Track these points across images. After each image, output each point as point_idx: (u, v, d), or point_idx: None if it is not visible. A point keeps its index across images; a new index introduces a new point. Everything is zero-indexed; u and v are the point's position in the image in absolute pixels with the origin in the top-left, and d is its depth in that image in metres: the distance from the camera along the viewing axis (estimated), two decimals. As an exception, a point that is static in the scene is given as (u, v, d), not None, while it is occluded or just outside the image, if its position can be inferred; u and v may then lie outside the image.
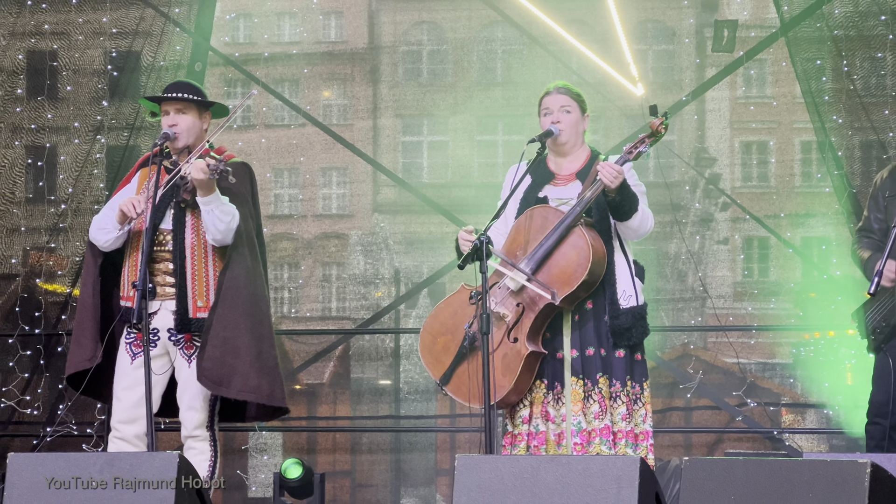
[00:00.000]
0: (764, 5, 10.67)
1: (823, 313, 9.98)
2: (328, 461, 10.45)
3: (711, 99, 11.28)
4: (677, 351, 10.95)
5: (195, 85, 7.15)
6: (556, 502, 5.34)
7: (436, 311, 6.83)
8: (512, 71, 11.42)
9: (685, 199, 11.08)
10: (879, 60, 9.50)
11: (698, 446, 10.38)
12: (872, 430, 7.40)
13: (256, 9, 11.58)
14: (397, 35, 11.78)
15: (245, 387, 6.91)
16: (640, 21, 11.49)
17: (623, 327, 6.58)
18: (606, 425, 6.55)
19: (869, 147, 9.39)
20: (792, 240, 10.74)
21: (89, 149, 10.11)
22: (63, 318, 9.92)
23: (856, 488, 4.71)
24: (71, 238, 10.10)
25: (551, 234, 6.55)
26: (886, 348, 7.35)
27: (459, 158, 11.40)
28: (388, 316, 10.95)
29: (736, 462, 5.09)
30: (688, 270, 10.83)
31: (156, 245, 6.88)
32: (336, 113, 11.97)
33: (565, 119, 6.75)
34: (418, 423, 10.66)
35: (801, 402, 10.61)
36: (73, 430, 9.81)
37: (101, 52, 10.20)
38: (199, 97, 7.03)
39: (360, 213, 11.72)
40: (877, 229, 7.51)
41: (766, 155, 11.73)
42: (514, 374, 6.51)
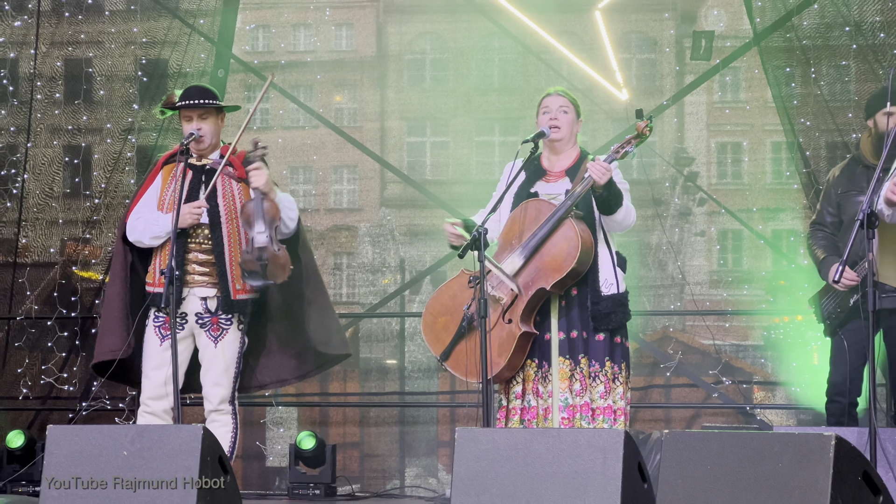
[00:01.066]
0: (738, 17, 10.63)
1: (792, 299, 9.97)
2: (339, 433, 10.44)
3: (690, 103, 11.25)
4: (658, 333, 10.92)
5: (212, 90, 7.15)
6: (547, 471, 5.34)
7: (437, 293, 6.85)
8: (508, 78, 11.39)
9: (665, 195, 11.05)
10: (844, 68, 9.49)
11: (677, 420, 10.36)
12: (832, 407, 7.40)
13: (274, 20, 11.55)
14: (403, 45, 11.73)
15: (342, 343, 7.31)
16: (625, 32, 11.45)
17: (603, 312, 6.59)
18: (586, 402, 6.58)
19: (834, 147, 9.38)
20: (763, 232, 10.71)
21: (121, 148, 10.10)
22: (97, 302, 9.91)
23: (821, 458, 4.70)
24: (104, 230, 10.10)
25: (544, 225, 6.57)
26: (842, 332, 7.35)
27: (459, 157, 11.37)
28: (394, 301, 10.94)
29: (712, 435, 5.08)
30: (668, 260, 10.80)
31: (189, 237, 6.89)
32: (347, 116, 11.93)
33: (563, 118, 6.77)
34: (421, 398, 10.64)
35: (772, 381, 10.58)
36: (106, 404, 9.81)
37: (132, 60, 10.19)
38: (216, 101, 7.03)
39: (368, 207, 11.69)
40: (829, 222, 7.51)
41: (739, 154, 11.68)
42: (507, 352, 6.54)
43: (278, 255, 6.76)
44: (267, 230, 6.73)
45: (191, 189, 6.94)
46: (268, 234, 6.73)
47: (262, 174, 6.76)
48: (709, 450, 4.96)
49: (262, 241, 6.72)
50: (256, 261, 6.70)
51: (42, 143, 10.30)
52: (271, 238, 6.74)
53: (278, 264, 6.75)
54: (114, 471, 5.70)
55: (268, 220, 6.75)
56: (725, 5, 11.01)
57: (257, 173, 6.76)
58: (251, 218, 6.74)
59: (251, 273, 6.73)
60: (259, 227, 6.73)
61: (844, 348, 7.27)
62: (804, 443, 4.77)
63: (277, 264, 6.75)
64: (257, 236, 6.72)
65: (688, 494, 4.93)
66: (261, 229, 6.73)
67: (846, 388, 7.30)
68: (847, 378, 7.28)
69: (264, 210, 6.74)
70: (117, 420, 9.64)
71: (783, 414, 10.11)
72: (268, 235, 6.73)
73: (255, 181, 6.75)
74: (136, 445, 5.74)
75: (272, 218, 6.77)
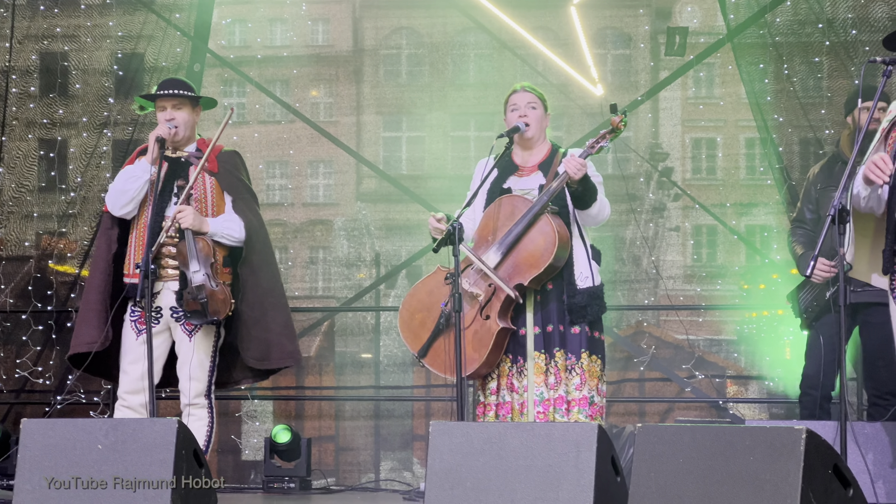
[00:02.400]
0: (712, 14, 10.66)
1: (765, 294, 10.00)
2: (314, 427, 10.44)
3: (664, 99, 11.28)
4: (632, 328, 10.95)
5: (187, 82, 7.17)
6: (521, 464, 5.35)
7: (413, 289, 6.84)
8: (483, 73, 11.40)
9: (640, 190, 11.07)
10: (816, 64, 9.52)
11: (651, 414, 10.38)
12: (806, 400, 7.44)
13: (250, 15, 11.54)
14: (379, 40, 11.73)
15: (283, 354, 7.12)
16: (600, 28, 11.47)
17: (579, 305, 6.60)
18: (561, 395, 6.59)
19: (807, 143, 9.40)
20: (737, 227, 10.75)
21: (96, 142, 10.07)
22: (72, 296, 9.89)
23: (792, 452, 4.72)
24: (80, 223, 10.06)
25: (521, 221, 6.57)
26: (817, 325, 7.39)
27: (435, 152, 11.37)
28: (369, 295, 10.94)
29: (684, 428, 5.09)
30: (642, 255, 10.82)
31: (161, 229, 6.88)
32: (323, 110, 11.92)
33: (532, 115, 6.78)
34: (396, 392, 10.64)
35: (745, 375, 10.63)
36: (81, 398, 9.78)
37: (108, 54, 10.16)
38: (191, 93, 7.04)
39: (344, 202, 11.69)
40: (809, 219, 7.56)
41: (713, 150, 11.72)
42: (485, 348, 6.54)
43: (217, 292, 6.80)
44: (202, 269, 6.79)
45: (166, 180, 6.94)
46: (204, 273, 6.78)
47: (188, 215, 6.79)
48: (681, 443, 4.97)
49: (199, 280, 6.77)
50: (195, 300, 6.75)
51: (17, 137, 10.26)
52: (208, 276, 6.79)
53: (217, 300, 6.80)
54: (89, 464, 5.69)
55: (202, 258, 6.80)
56: (699, 2, 11.05)
57: (183, 215, 6.79)
58: (186, 258, 6.79)
59: (193, 312, 6.78)
60: (194, 266, 6.78)
61: (819, 341, 7.31)
62: (775, 436, 4.79)
63: (217, 301, 6.79)
64: (194, 276, 6.77)
65: (660, 487, 4.94)
66: (196, 268, 6.78)
67: (819, 382, 7.33)
68: (820, 371, 7.31)
69: (197, 249, 6.80)
70: (92, 414, 9.61)
71: (756, 408, 10.14)
72: (204, 273, 6.78)
73: (183, 222, 6.78)
74: (111, 439, 5.73)
75: (206, 256, 6.82)
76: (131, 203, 6.93)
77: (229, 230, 6.97)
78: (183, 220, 6.80)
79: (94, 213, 9.86)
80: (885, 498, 6.61)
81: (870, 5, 9.24)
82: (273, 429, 9.28)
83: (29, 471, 5.72)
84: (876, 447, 6.73)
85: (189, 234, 6.80)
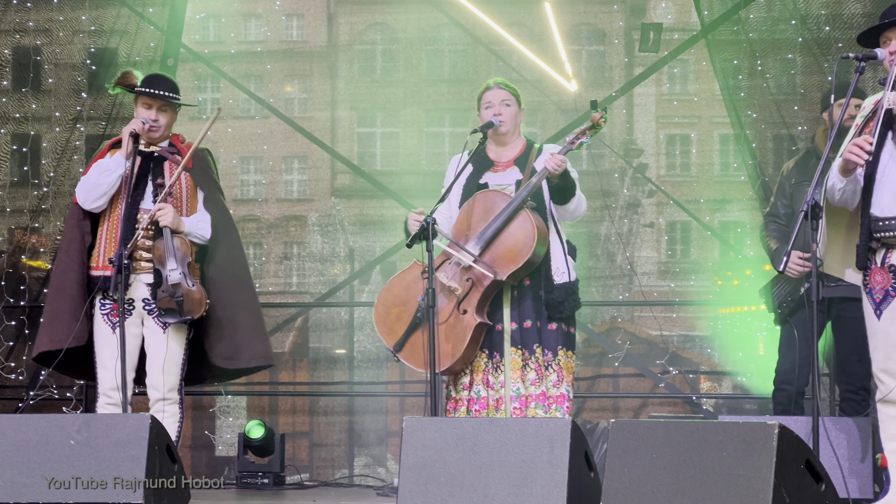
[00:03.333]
0: (686, 10, 10.68)
1: (738, 290, 10.02)
2: (288, 423, 10.43)
3: (639, 95, 11.30)
4: (607, 324, 10.97)
5: (174, 82, 7.12)
6: (494, 460, 5.35)
7: (389, 284, 6.83)
8: (457, 69, 11.41)
9: (615, 186, 11.09)
10: (790, 61, 9.54)
11: (625, 410, 10.40)
12: (779, 395, 7.46)
13: (224, 10, 11.51)
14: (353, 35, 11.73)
15: (252, 354, 7.07)
16: (575, 24, 11.48)
17: (556, 301, 6.61)
18: (542, 391, 6.59)
19: (780, 140, 9.42)
20: (711, 223, 10.78)
21: (69, 137, 10.03)
22: (45, 291, 9.84)
23: (765, 447, 4.73)
24: (52, 218, 10.02)
25: (500, 216, 6.58)
26: (792, 321, 7.41)
27: (409, 148, 11.37)
28: (343, 291, 10.93)
29: (657, 424, 5.10)
30: (617, 251, 10.84)
31: (135, 224, 6.86)
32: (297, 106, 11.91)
33: (506, 111, 6.79)
34: (370, 388, 10.64)
35: (718, 371, 10.65)
36: (53, 394, 9.74)
37: (81, 48, 10.12)
38: (178, 97, 7.02)
39: (318, 197, 11.68)
40: (783, 214, 7.58)
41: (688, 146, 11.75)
42: (462, 343, 6.54)
43: (193, 291, 6.80)
44: (179, 267, 6.78)
45: (139, 175, 6.92)
46: (181, 271, 6.78)
47: (167, 213, 6.79)
48: (654, 438, 4.98)
49: (176, 279, 6.77)
50: (171, 298, 6.74)
51: (-11, 132, 10.22)
52: (185, 275, 6.79)
53: (193, 300, 6.79)
54: (61, 460, 5.68)
55: (179, 257, 6.80)
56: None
57: (163, 213, 6.78)
58: (163, 257, 6.78)
59: (168, 310, 6.77)
60: (171, 264, 6.78)
61: (794, 336, 7.33)
62: (748, 432, 4.80)
63: (192, 300, 6.79)
64: (170, 274, 6.76)
65: (634, 482, 4.95)
66: (173, 267, 6.78)
67: (793, 377, 7.35)
68: (795, 366, 7.33)
69: (175, 248, 6.79)
70: (65, 410, 9.58)
71: (728, 403, 10.17)
72: (181, 272, 6.78)
73: (163, 220, 6.77)
74: (84, 434, 5.71)
75: (184, 255, 6.82)
76: (104, 197, 6.90)
77: (202, 230, 6.96)
78: (162, 218, 6.78)
79: (66, 208, 9.82)
80: (857, 493, 6.63)
81: (843, 2, 9.27)
82: (246, 424, 9.27)
83: (1, 466, 5.70)
84: (848, 442, 6.75)
85: (167, 232, 6.79)
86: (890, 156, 5.79)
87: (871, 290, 5.89)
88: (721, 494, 4.77)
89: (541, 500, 5.23)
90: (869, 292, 5.90)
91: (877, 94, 5.93)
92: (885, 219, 5.78)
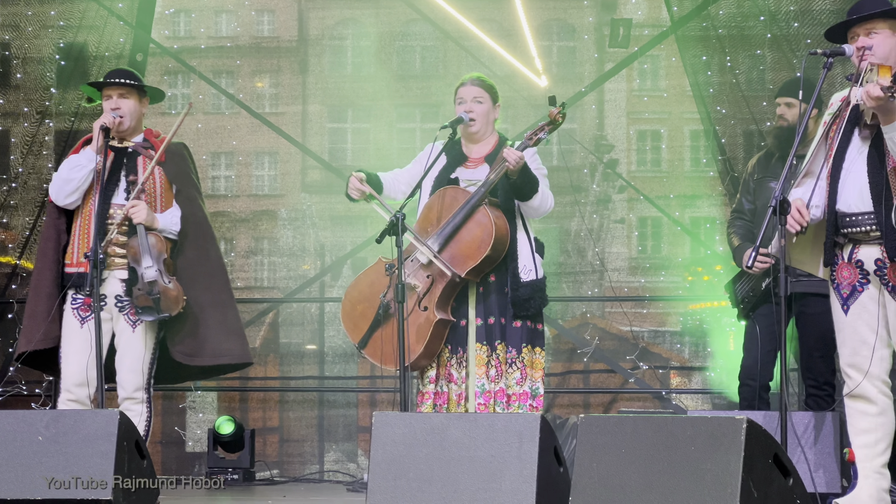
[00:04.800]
0: (656, 6, 10.69)
1: (708, 285, 10.05)
2: (259, 418, 10.40)
3: (609, 91, 11.30)
4: (577, 320, 10.97)
5: (134, 72, 7.12)
6: (464, 455, 5.35)
7: (356, 280, 6.84)
8: (428, 64, 11.39)
9: (585, 182, 11.09)
10: (759, 57, 9.57)
11: (595, 406, 10.41)
12: (744, 391, 7.49)
13: (194, 5, 11.47)
14: (323, 31, 11.69)
15: (217, 352, 7.04)
16: (545, 20, 11.49)
17: (523, 298, 6.62)
18: (501, 388, 6.62)
19: (750, 135, 9.45)
20: (681, 219, 10.78)
21: (36, 131, 9.98)
22: (13, 287, 9.80)
23: (733, 442, 4.74)
24: (20, 213, 9.97)
25: (458, 213, 6.59)
26: (754, 316, 7.45)
27: (380, 143, 11.35)
28: (314, 286, 10.92)
29: (626, 419, 5.11)
30: (587, 246, 10.84)
31: (108, 219, 6.84)
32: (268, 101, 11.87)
33: (477, 109, 6.80)
34: (340, 383, 10.63)
35: (688, 366, 10.67)
36: (22, 389, 9.70)
37: (49, 43, 10.07)
38: (137, 82, 7.00)
39: (289, 193, 11.64)
40: (747, 210, 7.62)
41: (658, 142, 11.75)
42: (424, 339, 6.55)
43: (169, 289, 6.77)
44: (155, 264, 6.76)
45: (112, 170, 6.89)
46: (156, 269, 6.75)
47: (141, 210, 6.76)
48: (623, 434, 4.98)
49: (152, 276, 6.74)
50: (147, 295, 6.71)
51: (-42, 127, 10.17)
52: (160, 272, 6.76)
53: (170, 297, 6.77)
54: (29, 456, 5.65)
55: (154, 254, 6.77)
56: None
57: (136, 210, 6.75)
58: (138, 254, 6.75)
59: (144, 308, 6.74)
60: (147, 262, 6.75)
61: (756, 332, 7.36)
62: (716, 426, 4.81)
63: (169, 297, 6.76)
64: (146, 271, 6.73)
65: (602, 478, 4.96)
66: (149, 264, 6.75)
67: (757, 372, 7.39)
68: (758, 362, 7.36)
69: (150, 245, 6.76)
70: (34, 406, 9.54)
71: (699, 398, 10.20)
72: (156, 269, 6.75)
73: (136, 217, 6.75)
74: (52, 430, 5.69)
75: (159, 252, 6.79)
76: (76, 192, 6.87)
77: (175, 225, 6.94)
78: (136, 215, 6.75)
79: (35, 203, 9.78)
80: (824, 487, 6.66)
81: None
82: (216, 420, 9.25)
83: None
84: (815, 437, 6.78)
85: (141, 229, 6.76)
86: (857, 152, 5.81)
87: (839, 286, 5.91)
88: (690, 489, 4.78)
89: (510, 496, 5.23)
90: (836, 287, 5.92)
91: (843, 91, 5.96)
92: (852, 214, 5.81)
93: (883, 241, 5.73)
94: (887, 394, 5.92)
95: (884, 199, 5.68)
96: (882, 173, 5.70)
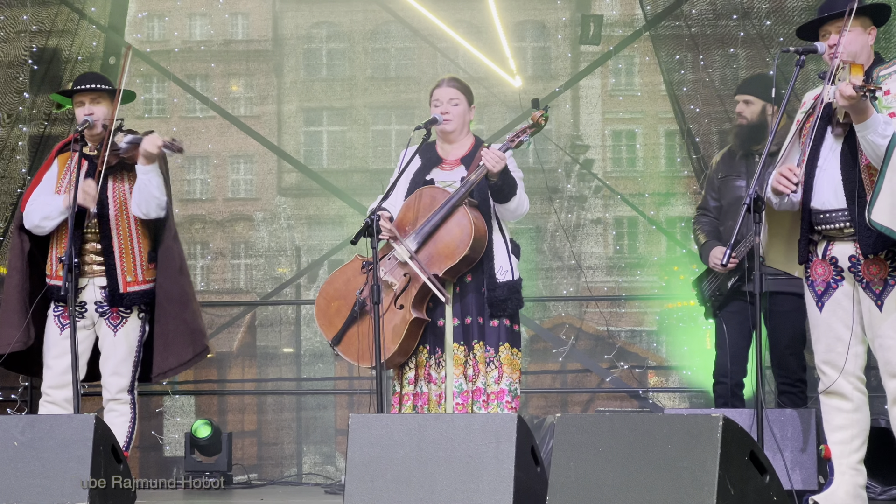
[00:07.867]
0: (630, 4, 10.69)
1: (684, 284, 10.05)
2: (237, 421, 10.38)
3: (584, 90, 11.30)
4: (553, 320, 10.97)
5: (104, 76, 7.11)
6: (441, 456, 5.35)
7: (331, 278, 6.84)
8: (403, 66, 11.39)
9: (561, 182, 11.09)
10: (732, 55, 9.58)
11: (573, 405, 10.42)
12: (719, 389, 7.52)
13: (167, 7, 11.44)
14: (299, 33, 11.66)
15: (178, 353, 7.07)
16: (520, 21, 11.49)
17: (499, 299, 6.62)
18: (479, 387, 6.62)
19: (724, 134, 9.46)
20: (657, 218, 10.79)
21: (7, 136, 9.93)
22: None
23: (709, 439, 4.75)
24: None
25: (438, 212, 6.58)
26: (721, 314, 7.47)
27: (356, 146, 11.34)
28: (290, 289, 10.90)
29: (602, 417, 5.11)
30: (563, 246, 10.84)
31: (84, 228, 6.83)
32: (243, 104, 11.84)
33: (453, 111, 6.80)
34: (318, 385, 10.61)
35: (665, 365, 10.68)
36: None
37: (22, 47, 10.02)
38: (109, 87, 6.98)
39: (265, 196, 11.62)
40: (713, 207, 7.65)
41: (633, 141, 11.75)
42: (399, 337, 6.55)
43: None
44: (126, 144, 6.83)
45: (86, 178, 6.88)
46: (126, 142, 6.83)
47: (154, 140, 6.75)
48: (600, 432, 4.99)
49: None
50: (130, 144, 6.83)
51: (-69, 132, 10.10)
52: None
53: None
54: (4, 461, 5.63)
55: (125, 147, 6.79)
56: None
57: (151, 138, 6.75)
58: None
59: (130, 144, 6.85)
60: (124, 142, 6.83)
61: (724, 330, 7.39)
62: (693, 424, 4.82)
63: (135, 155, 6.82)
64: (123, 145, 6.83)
65: (580, 477, 4.96)
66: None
67: (729, 370, 7.40)
68: (729, 360, 7.38)
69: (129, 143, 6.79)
70: (10, 411, 9.50)
71: (676, 397, 10.21)
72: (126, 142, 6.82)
73: (146, 144, 6.75)
74: (28, 436, 5.67)
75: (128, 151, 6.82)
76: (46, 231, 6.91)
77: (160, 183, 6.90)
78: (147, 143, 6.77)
79: (7, 207, 9.73)
80: (800, 484, 6.68)
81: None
82: (193, 424, 9.22)
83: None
84: (791, 434, 6.80)
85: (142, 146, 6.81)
86: (830, 150, 5.83)
87: (813, 283, 5.92)
88: (667, 487, 4.78)
89: (487, 496, 5.23)
90: (811, 285, 5.93)
91: (816, 89, 5.97)
92: (826, 212, 5.82)
93: (857, 238, 5.75)
94: (862, 390, 5.94)
95: (857, 195, 5.70)
96: (855, 170, 5.72)
